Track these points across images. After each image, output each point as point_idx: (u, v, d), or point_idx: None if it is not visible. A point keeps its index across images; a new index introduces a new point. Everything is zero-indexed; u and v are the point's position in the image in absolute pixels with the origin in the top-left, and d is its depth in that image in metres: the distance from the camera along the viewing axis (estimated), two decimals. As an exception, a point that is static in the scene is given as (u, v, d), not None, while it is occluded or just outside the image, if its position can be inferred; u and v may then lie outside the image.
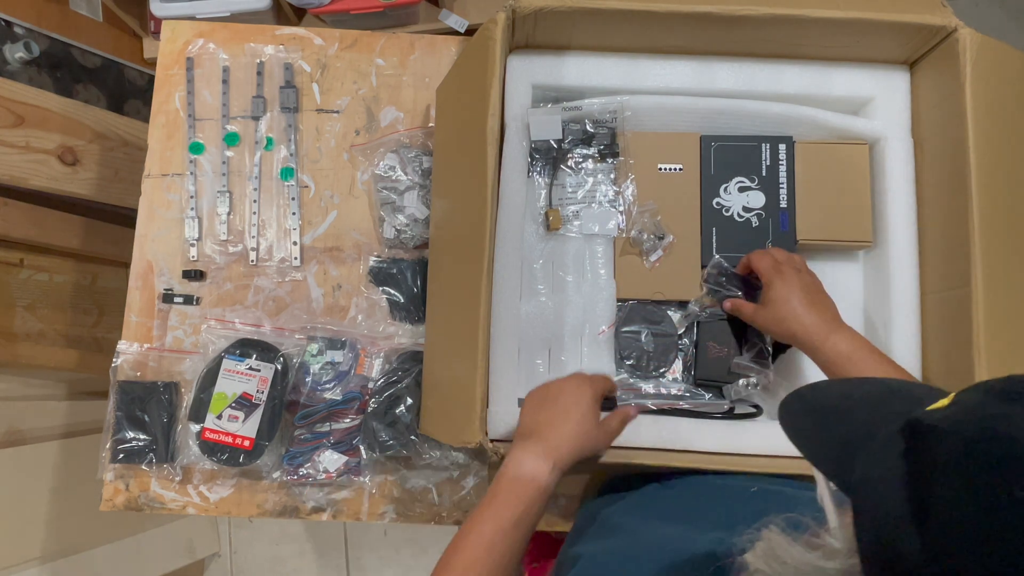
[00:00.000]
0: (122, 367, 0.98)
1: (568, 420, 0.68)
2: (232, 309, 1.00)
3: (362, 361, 0.97)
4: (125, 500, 0.97)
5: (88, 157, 1.32)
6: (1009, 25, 1.97)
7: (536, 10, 0.80)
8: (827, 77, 0.89)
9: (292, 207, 1.02)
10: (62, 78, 1.41)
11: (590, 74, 0.89)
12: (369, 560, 1.89)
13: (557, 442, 0.67)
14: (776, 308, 0.78)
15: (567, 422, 0.68)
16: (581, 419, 0.68)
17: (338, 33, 1.07)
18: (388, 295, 1.00)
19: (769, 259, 0.81)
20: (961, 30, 0.79)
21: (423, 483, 0.97)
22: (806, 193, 0.90)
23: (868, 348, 0.72)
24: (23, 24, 1.31)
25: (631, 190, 0.90)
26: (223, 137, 1.03)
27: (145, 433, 0.95)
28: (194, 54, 1.05)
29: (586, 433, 0.68)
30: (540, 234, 0.91)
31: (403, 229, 0.99)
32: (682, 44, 0.88)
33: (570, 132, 0.90)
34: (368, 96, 1.05)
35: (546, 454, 0.66)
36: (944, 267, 0.82)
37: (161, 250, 1.02)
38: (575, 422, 0.68)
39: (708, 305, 0.89)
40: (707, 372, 0.88)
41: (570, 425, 0.68)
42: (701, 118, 0.90)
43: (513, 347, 0.82)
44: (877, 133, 0.89)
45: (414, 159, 1.01)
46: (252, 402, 0.92)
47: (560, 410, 0.69)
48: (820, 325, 0.75)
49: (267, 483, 0.96)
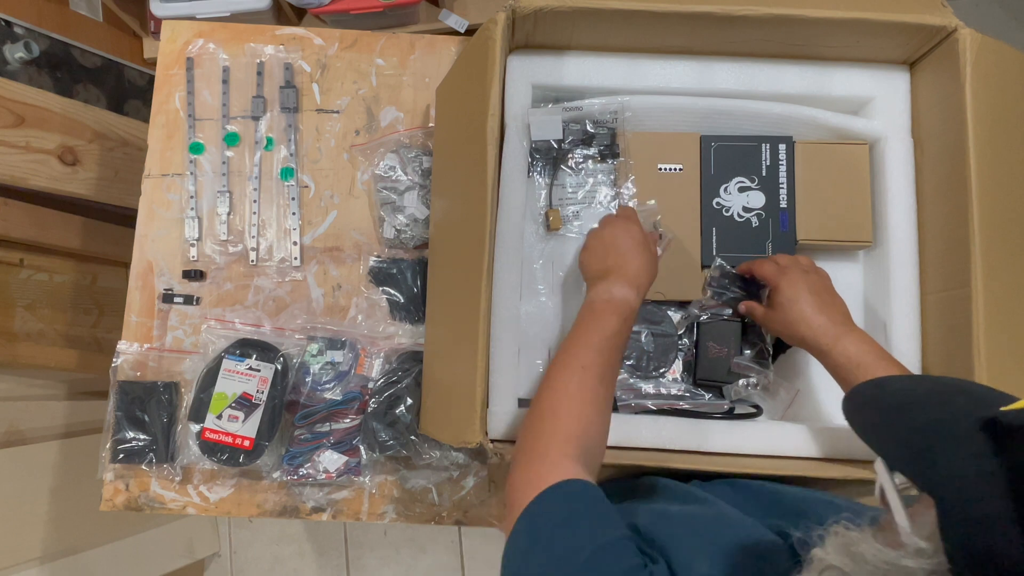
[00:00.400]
0: (122, 367, 0.98)
1: (638, 255, 0.76)
2: (232, 309, 1.00)
3: (362, 361, 0.97)
4: (125, 500, 0.97)
5: (88, 157, 1.32)
6: (1009, 25, 1.97)
7: (536, 10, 0.80)
8: (827, 77, 0.89)
9: (292, 207, 1.02)
10: (62, 78, 1.41)
11: (590, 74, 0.89)
12: (369, 560, 1.89)
13: (635, 272, 0.75)
14: (784, 312, 0.78)
15: (637, 256, 0.76)
16: (646, 250, 0.77)
17: (338, 33, 1.07)
18: (388, 295, 1.00)
19: (771, 265, 0.81)
20: (961, 30, 0.79)
21: (423, 483, 0.97)
22: (806, 193, 0.90)
23: (877, 352, 0.72)
24: (23, 24, 1.31)
25: (631, 190, 0.90)
26: (223, 137, 1.03)
27: (145, 433, 0.95)
28: (194, 54, 1.05)
29: (653, 261, 0.77)
30: (540, 234, 0.91)
31: (403, 229, 0.99)
32: (682, 44, 0.88)
33: (570, 132, 0.90)
34: (368, 96, 1.05)
35: (629, 283, 0.74)
36: (944, 267, 0.82)
37: (161, 250, 1.02)
38: (644, 256, 0.76)
39: (711, 307, 0.89)
40: (707, 372, 0.88)
41: (642, 258, 0.76)
42: (701, 118, 0.90)
43: (513, 347, 0.82)
44: (877, 133, 0.89)
45: (414, 159, 1.01)
46: (252, 402, 0.92)
47: (627, 249, 0.76)
48: (828, 328, 0.74)
49: (267, 483, 0.96)
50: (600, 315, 0.71)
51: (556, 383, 0.68)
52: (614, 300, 0.72)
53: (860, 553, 0.37)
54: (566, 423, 0.64)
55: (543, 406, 0.66)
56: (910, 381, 0.46)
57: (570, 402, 0.66)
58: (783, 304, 0.78)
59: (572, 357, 0.69)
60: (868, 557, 0.37)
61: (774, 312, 0.79)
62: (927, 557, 0.34)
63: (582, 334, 0.71)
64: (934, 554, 0.34)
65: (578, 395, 0.66)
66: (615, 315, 0.71)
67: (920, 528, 0.36)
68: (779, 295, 0.78)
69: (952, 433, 0.36)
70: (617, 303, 0.72)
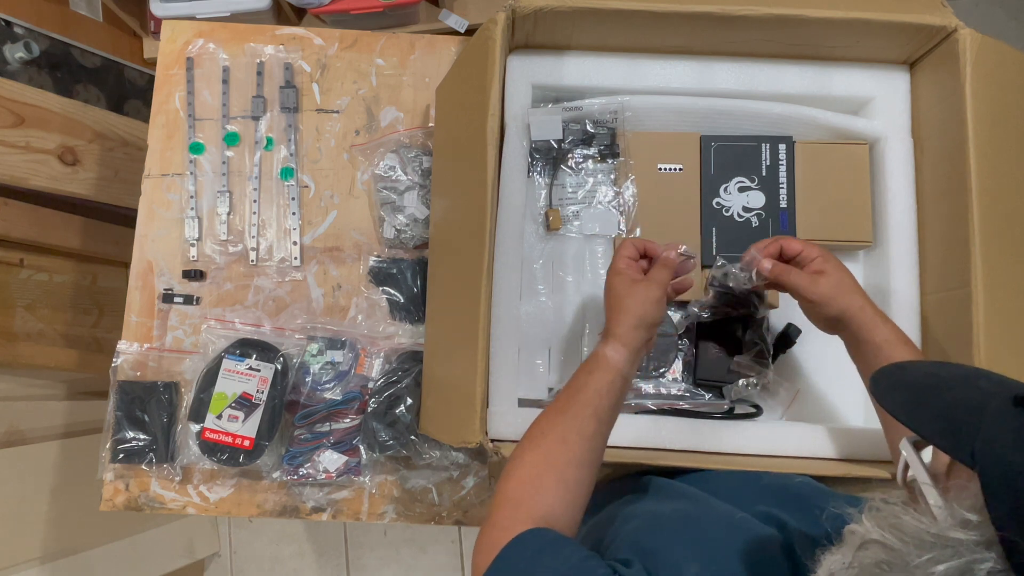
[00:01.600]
0: (122, 367, 0.98)
1: (617, 307, 0.71)
2: (232, 309, 1.00)
3: (362, 361, 0.97)
4: (125, 500, 0.97)
5: (88, 157, 1.32)
6: (1009, 25, 1.97)
7: (536, 10, 0.80)
8: (827, 77, 0.89)
9: (292, 207, 1.02)
10: (62, 78, 1.41)
11: (590, 74, 0.89)
12: (369, 560, 1.89)
13: (625, 328, 0.70)
14: (829, 281, 0.71)
15: (616, 309, 0.71)
16: (622, 297, 0.71)
17: (338, 33, 1.07)
18: (388, 295, 1.00)
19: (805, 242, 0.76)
20: (961, 30, 0.79)
21: (423, 483, 0.97)
22: (806, 193, 0.90)
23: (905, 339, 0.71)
24: (23, 24, 1.31)
25: (631, 190, 0.90)
26: (223, 137, 1.03)
27: (145, 433, 0.95)
28: (194, 54, 1.05)
29: (632, 306, 0.70)
30: (540, 234, 0.91)
31: (403, 229, 0.99)
32: (682, 44, 0.88)
33: (570, 132, 0.90)
34: (368, 96, 1.05)
35: (619, 340, 0.69)
36: (944, 267, 0.82)
37: (161, 250, 1.02)
38: (620, 304, 0.71)
39: (711, 306, 0.88)
40: (707, 372, 0.88)
41: (618, 309, 0.71)
42: (701, 118, 0.90)
43: (513, 347, 0.82)
44: (877, 133, 0.89)
45: (414, 159, 1.01)
46: (252, 402, 0.92)
47: (609, 305, 0.72)
48: (873, 307, 0.71)
49: (267, 483, 0.96)
50: (580, 373, 0.69)
51: (517, 447, 0.66)
52: (600, 358, 0.69)
53: (903, 526, 0.37)
54: (516, 490, 0.62)
55: (504, 469, 0.64)
56: (932, 366, 0.47)
57: (520, 469, 0.63)
58: (830, 272, 0.72)
59: (539, 420, 0.67)
60: (911, 531, 0.37)
61: (822, 277, 0.72)
62: (973, 528, 0.35)
63: (560, 393, 0.68)
64: (980, 524, 0.35)
65: (532, 461, 0.63)
66: (595, 374, 0.67)
67: (962, 500, 0.36)
68: (828, 264, 0.73)
69: (985, 408, 0.37)
70: (602, 362, 0.68)
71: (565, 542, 0.56)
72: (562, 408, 0.66)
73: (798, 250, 0.74)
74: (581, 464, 0.63)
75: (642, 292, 0.70)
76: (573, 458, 0.63)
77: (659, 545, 0.57)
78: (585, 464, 0.64)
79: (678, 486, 0.72)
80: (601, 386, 0.66)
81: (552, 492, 0.62)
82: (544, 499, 0.61)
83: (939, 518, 0.36)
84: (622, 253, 0.74)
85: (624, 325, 0.69)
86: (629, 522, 0.64)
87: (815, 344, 0.87)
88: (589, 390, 0.66)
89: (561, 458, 0.63)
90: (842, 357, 0.74)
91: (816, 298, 0.71)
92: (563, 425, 0.65)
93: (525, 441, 0.66)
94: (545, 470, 0.62)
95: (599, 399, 0.66)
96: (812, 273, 0.72)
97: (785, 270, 0.74)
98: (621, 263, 0.73)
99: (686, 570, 0.54)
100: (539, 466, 0.63)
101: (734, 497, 0.67)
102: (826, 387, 0.89)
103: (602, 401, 0.66)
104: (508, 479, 0.63)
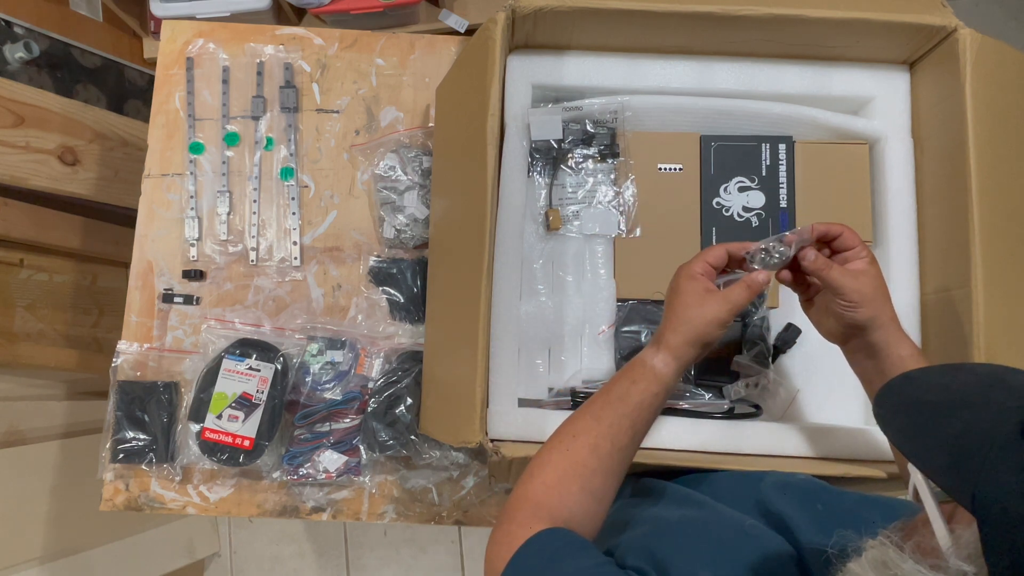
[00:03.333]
0: (122, 367, 0.98)
1: (680, 316, 0.66)
2: (232, 309, 1.00)
3: (362, 361, 0.97)
4: (125, 500, 0.97)
5: (88, 157, 1.32)
6: (1009, 25, 1.97)
7: (536, 10, 0.80)
8: (827, 77, 0.89)
9: (292, 207, 1.02)
10: (62, 78, 1.41)
11: (590, 74, 0.89)
12: (369, 560, 1.89)
13: (681, 341, 0.65)
14: (872, 283, 0.66)
15: (677, 318, 0.66)
16: (688, 307, 0.65)
17: (338, 33, 1.07)
18: (388, 295, 1.00)
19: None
20: (961, 30, 0.79)
21: (423, 483, 0.97)
22: (806, 193, 0.90)
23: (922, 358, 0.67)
24: (23, 24, 1.31)
25: (631, 190, 0.90)
26: (223, 137, 1.03)
27: (145, 433, 0.95)
28: (194, 54, 1.05)
29: (696, 320, 0.65)
30: (540, 234, 0.91)
31: (403, 229, 0.99)
32: (682, 44, 0.88)
33: (570, 132, 0.90)
34: (368, 96, 1.05)
35: (672, 352, 0.65)
36: (944, 267, 0.82)
37: (161, 250, 1.02)
38: (684, 315, 0.65)
39: None
40: (707, 372, 0.88)
41: (680, 319, 0.66)
42: (701, 118, 0.90)
43: (513, 347, 0.82)
44: (877, 133, 0.89)
45: (414, 159, 1.01)
46: (252, 402, 0.92)
47: (671, 309, 0.67)
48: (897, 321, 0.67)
49: (267, 483, 0.96)
50: (622, 379, 0.65)
51: (544, 447, 0.64)
52: (647, 367, 0.65)
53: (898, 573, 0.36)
54: (538, 492, 0.60)
55: (528, 468, 0.63)
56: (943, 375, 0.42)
57: (545, 471, 0.61)
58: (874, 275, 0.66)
59: (570, 422, 0.65)
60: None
61: (865, 277, 0.66)
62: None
63: (597, 396, 0.65)
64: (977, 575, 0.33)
65: (559, 465, 0.61)
66: (640, 384, 0.64)
67: (961, 548, 0.34)
68: (872, 265, 0.67)
69: (992, 440, 0.34)
70: (648, 372, 0.65)
71: (584, 544, 0.55)
72: (598, 414, 0.64)
73: (852, 245, 0.68)
74: (609, 474, 0.62)
75: (712, 310, 0.65)
76: (602, 468, 0.61)
77: (670, 553, 0.56)
78: (613, 474, 0.62)
79: (682, 491, 0.71)
80: (644, 398, 0.64)
81: (576, 499, 0.60)
82: (567, 504, 0.59)
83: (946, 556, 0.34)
84: (706, 257, 0.68)
85: (681, 337, 0.65)
86: (636, 528, 0.64)
87: (815, 344, 0.87)
88: (631, 401, 0.63)
89: (590, 466, 0.61)
90: (842, 357, 0.73)
91: (858, 299, 0.65)
92: (597, 432, 0.62)
93: (554, 441, 0.64)
94: (572, 477, 0.61)
95: (639, 412, 0.63)
96: (855, 272, 0.66)
97: (827, 264, 0.67)
98: (698, 267, 0.67)
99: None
100: (566, 471, 0.61)
101: (735, 497, 0.66)
102: (826, 387, 0.89)
103: (642, 414, 0.63)
104: (531, 479, 0.61)
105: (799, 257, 0.68)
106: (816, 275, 0.68)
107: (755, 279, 0.66)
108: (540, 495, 0.60)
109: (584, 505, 0.60)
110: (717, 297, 0.65)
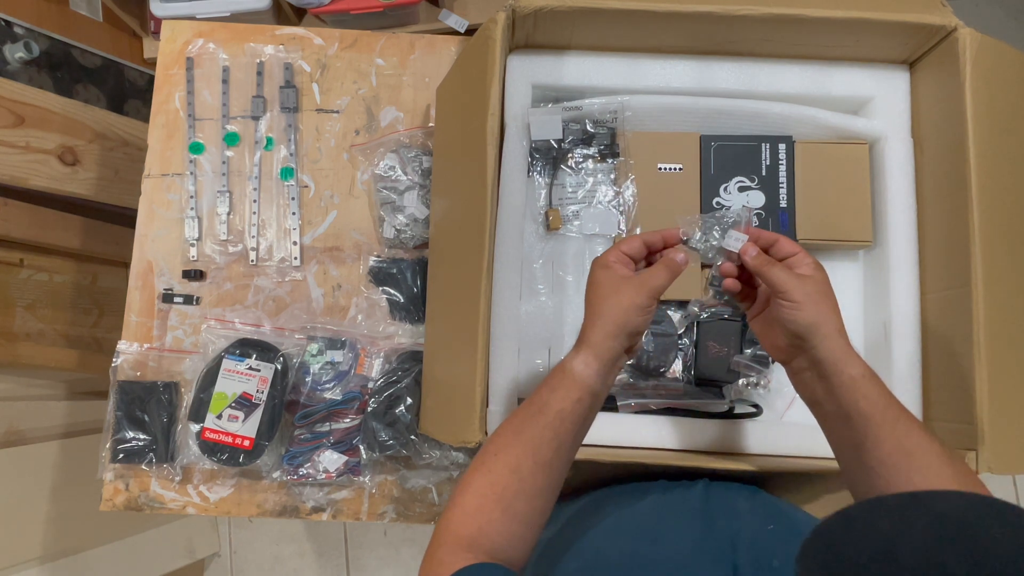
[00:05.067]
0: (122, 367, 0.98)
1: (596, 309, 0.61)
2: (232, 309, 1.00)
3: (362, 361, 0.97)
4: (125, 500, 0.97)
5: (88, 157, 1.32)
6: (1009, 25, 1.98)
7: (536, 10, 0.80)
8: (827, 77, 0.89)
9: (292, 207, 1.02)
10: (62, 78, 1.41)
11: (590, 74, 0.89)
12: (369, 560, 1.89)
13: (600, 336, 0.60)
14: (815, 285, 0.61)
15: (594, 312, 0.61)
16: (604, 297, 0.61)
17: (338, 33, 1.07)
18: (388, 295, 1.00)
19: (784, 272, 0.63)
20: (961, 30, 0.79)
21: (423, 483, 0.97)
22: (806, 193, 0.90)
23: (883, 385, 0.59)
24: (23, 24, 1.31)
25: (631, 190, 0.90)
26: (223, 137, 1.03)
27: (145, 433, 0.95)
28: (194, 54, 1.05)
29: (612, 310, 0.60)
30: (540, 234, 0.91)
31: (403, 229, 0.99)
32: (682, 44, 0.88)
33: (570, 132, 0.90)
34: (368, 96, 1.05)
35: (592, 351, 0.60)
36: (944, 267, 0.82)
37: (161, 250, 1.02)
38: (599, 306, 0.61)
39: (711, 306, 0.88)
40: (707, 371, 0.88)
41: (596, 312, 0.61)
42: (701, 118, 0.90)
43: (513, 347, 0.82)
44: (877, 133, 0.89)
45: (414, 159, 1.01)
46: (252, 402, 0.92)
47: (588, 303, 0.63)
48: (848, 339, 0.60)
49: (267, 483, 0.96)
50: (542, 388, 0.60)
51: (470, 465, 0.58)
52: (565, 372, 0.60)
53: None
54: (458, 521, 0.55)
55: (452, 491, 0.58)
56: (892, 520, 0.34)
57: (465, 496, 0.56)
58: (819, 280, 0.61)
59: (493, 436, 0.59)
60: None
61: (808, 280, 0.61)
62: None
63: (520, 407, 0.60)
64: None
65: (479, 488, 0.56)
66: (559, 391, 0.59)
67: None
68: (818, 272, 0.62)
69: None
70: (567, 377, 0.59)
71: None
72: (519, 428, 0.58)
73: (792, 252, 0.64)
74: (534, 495, 0.56)
75: (628, 296, 0.60)
76: (524, 489, 0.56)
77: None
78: (539, 494, 0.57)
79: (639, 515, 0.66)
80: (564, 406, 0.58)
81: (498, 527, 0.55)
82: (487, 534, 0.54)
83: None
84: (620, 246, 0.64)
85: (600, 332, 0.60)
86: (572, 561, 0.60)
87: (815, 344, 0.87)
88: (550, 411, 0.58)
89: (511, 488, 0.56)
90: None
91: (798, 297, 0.59)
92: (517, 450, 0.57)
93: (478, 460, 0.58)
94: (493, 502, 0.55)
95: (560, 422, 0.57)
96: (800, 274, 0.62)
97: (769, 261, 0.63)
98: (612, 256, 0.63)
99: None
100: (486, 496, 0.56)
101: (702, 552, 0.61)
102: (826, 387, 0.89)
103: (564, 424, 0.57)
104: (453, 507, 0.56)
105: (741, 253, 0.65)
106: (758, 272, 0.64)
107: (672, 258, 0.63)
108: (459, 525, 0.55)
109: (509, 531, 0.55)
110: (633, 282, 0.61)
